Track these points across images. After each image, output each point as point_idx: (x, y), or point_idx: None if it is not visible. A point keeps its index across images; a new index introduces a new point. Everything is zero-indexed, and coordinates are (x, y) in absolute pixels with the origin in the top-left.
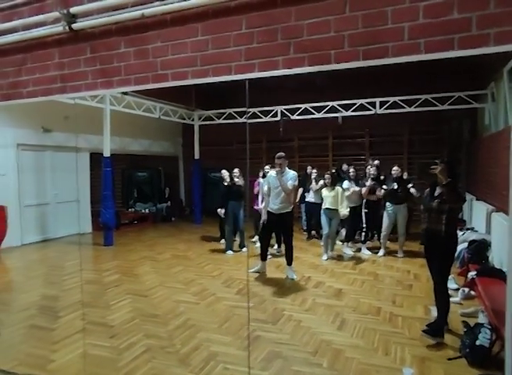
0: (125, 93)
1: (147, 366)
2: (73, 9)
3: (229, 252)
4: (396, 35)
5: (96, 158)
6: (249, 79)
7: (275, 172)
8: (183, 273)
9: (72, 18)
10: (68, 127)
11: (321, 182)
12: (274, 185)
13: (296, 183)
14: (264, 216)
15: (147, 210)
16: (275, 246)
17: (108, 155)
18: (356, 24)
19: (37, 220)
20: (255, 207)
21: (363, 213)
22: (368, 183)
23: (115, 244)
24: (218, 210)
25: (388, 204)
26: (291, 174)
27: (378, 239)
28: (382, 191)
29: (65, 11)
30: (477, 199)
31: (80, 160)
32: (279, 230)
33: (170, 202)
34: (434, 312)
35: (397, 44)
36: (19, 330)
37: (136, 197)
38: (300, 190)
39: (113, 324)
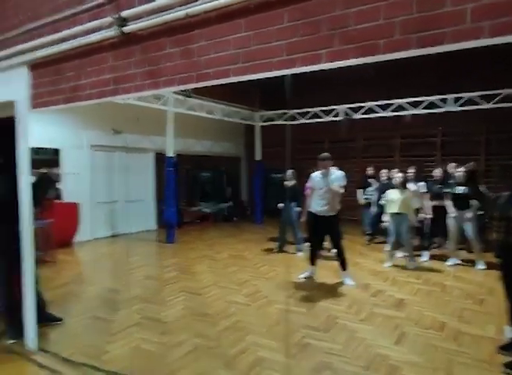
0: (188, 95)
1: (193, 365)
2: (124, 13)
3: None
4: (456, 19)
5: (163, 158)
6: (290, 74)
7: (319, 173)
8: (238, 274)
9: (124, 21)
10: (136, 129)
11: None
12: (318, 186)
13: (344, 183)
14: (303, 217)
15: (209, 210)
16: (334, 250)
17: (171, 156)
18: (409, 9)
19: (106, 217)
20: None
21: (426, 218)
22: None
23: (176, 242)
24: (279, 205)
25: (452, 209)
26: (338, 175)
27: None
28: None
29: (117, 15)
30: None
31: (146, 160)
32: (326, 233)
33: (232, 202)
34: (509, 333)
35: (457, 29)
36: (82, 320)
37: (200, 196)
38: (359, 191)
39: (166, 320)
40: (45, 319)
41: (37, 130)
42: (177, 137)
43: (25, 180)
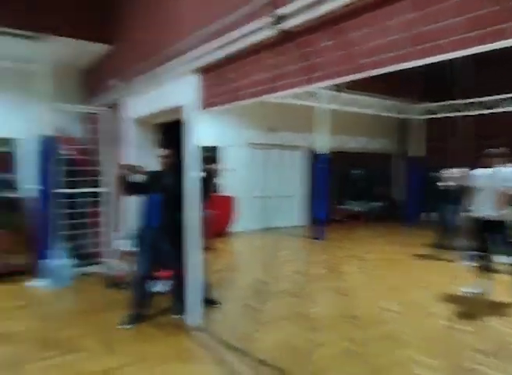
0: (341, 90)
1: (338, 367)
2: (280, 11)
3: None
4: None
5: (316, 155)
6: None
7: (484, 171)
8: (388, 278)
9: (280, 19)
10: (289, 127)
11: None
12: (483, 186)
13: None
14: (465, 222)
15: (360, 208)
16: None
17: (323, 152)
18: None
19: (260, 211)
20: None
21: None
22: None
23: (325, 239)
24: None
25: None
26: (509, 174)
27: None
28: None
29: (274, 14)
30: None
31: (298, 157)
32: (493, 240)
33: (384, 202)
34: None
35: None
36: (236, 307)
37: (350, 194)
38: None
39: (313, 317)
40: (207, 301)
41: (201, 130)
42: (332, 134)
43: (194, 175)
